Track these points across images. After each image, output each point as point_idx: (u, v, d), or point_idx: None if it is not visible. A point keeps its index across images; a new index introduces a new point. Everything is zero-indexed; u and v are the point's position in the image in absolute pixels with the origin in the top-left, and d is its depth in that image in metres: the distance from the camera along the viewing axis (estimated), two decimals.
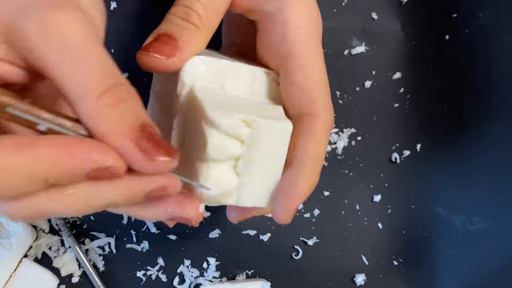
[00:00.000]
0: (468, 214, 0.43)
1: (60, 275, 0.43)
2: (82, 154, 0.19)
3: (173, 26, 0.26)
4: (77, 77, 0.19)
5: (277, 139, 0.26)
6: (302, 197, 0.27)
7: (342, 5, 0.41)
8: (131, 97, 0.20)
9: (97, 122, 0.19)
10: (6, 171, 0.18)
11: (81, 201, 0.20)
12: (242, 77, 0.28)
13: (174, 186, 0.22)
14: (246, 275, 0.45)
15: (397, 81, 0.43)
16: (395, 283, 0.45)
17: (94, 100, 0.19)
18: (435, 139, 0.44)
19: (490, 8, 0.40)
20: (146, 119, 0.21)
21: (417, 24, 0.42)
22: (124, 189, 0.21)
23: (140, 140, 0.20)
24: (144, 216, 0.24)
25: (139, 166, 0.20)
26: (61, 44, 0.19)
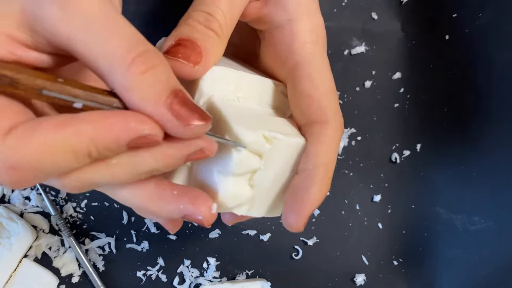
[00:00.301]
0: (468, 214, 0.43)
1: (60, 275, 0.43)
2: (120, 126, 0.19)
3: (196, 33, 0.25)
4: (105, 48, 0.19)
5: (292, 154, 0.27)
6: (314, 204, 0.26)
7: (342, 5, 0.41)
8: (161, 62, 0.20)
9: (131, 90, 0.20)
10: (50, 149, 0.19)
11: (126, 170, 0.21)
12: (255, 88, 0.28)
13: (210, 148, 0.22)
14: (246, 275, 0.45)
15: (397, 81, 0.43)
16: (395, 283, 0.45)
17: (125, 68, 0.19)
18: (435, 139, 0.44)
19: (490, 8, 0.40)
20: (177, 84, 0.21)
21: (417, 24, 0.42)
22: (164, 155, 0.21)
23: (174, 106, 0.20)
24: (157, 212, 0.24)
25: (175, 132, 0.21)
26: (84, 20, 0.19)
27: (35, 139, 0.18)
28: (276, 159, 0.26)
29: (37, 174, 0.19)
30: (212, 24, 0.26)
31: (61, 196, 0.43)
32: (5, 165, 0.18)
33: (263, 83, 0.29)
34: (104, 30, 0.20)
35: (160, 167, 0.22)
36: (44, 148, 0.18)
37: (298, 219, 0.26)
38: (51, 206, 0.42)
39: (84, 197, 0.43)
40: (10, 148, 0.18)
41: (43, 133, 0.19)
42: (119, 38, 0.20)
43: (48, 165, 0.19)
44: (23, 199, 0.43)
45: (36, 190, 0.43)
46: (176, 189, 0.23)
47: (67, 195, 0.43)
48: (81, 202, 0.43)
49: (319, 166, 0.27)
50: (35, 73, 0.20)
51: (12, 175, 0.18)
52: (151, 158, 0.21)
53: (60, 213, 0.43)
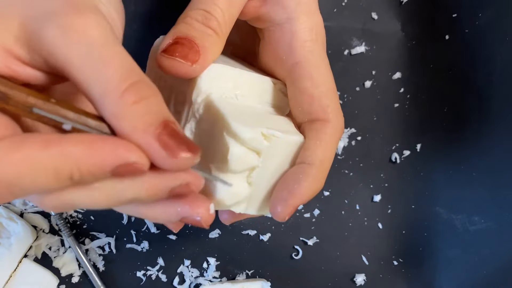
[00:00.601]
0: (468, 214, 0.43)
1: (60, 275, 0.43)
2: (107, 150, 0.19)
3: (194, 31, 0.25)
4: (100, 76, 0.20)
5: (290, 152, 0.27)
6: (303, 198, 0.27)
7: (342, 5, 0.41)
8: (153, 93, 0.21)
9: (121, 119, 0.20)
10: (31, 167, 0.18)
11: (107, 196, 0.21)
12: (253, 86, 0.28)
13: (197, 183, 0.22)
14: (246, 275, 0.45)
15: (397, 81, 0.43)
16: (395, 283, 0.45)
17: (118, 97, 0.20)
18: (435, 139, 0.44)
19: (490, 8, 0.40)
20: (168, 116, 0.21)
21: (417, 24, 0.42)
22: (148, 185, 0.21)
23: (162, 137, 0.20)
24: (154, 217, 0.23)
25: (162, 163, 0.20)
26: (82, 46, 0.20)
27: (18, 154, 0.18)
28: (274, 156, 0.26)
29: (14, 190, 0.19)
30: (211, 22, 0.26)
31: None
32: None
33: (262, 81, 0.29)
34: (101, 58, 0.20)
35: (143, 197, 0.21)
36: (26, 165, 0.18)
37: (285, 209, 0.26)
38: None
39: None
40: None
41: (27, 149, 0.18)
42: (115, 67, 0.20)
43: (27, 183, 0.19)
44: (23, 199, 0.43)
45: None
46: None
47: None
48: None
49: (315, 161, 0.27)
50: (27, 90, 0.20)
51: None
52: (134, 186, 0.21)
53: (60, 213, 0.43)
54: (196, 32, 0.25)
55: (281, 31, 0.28)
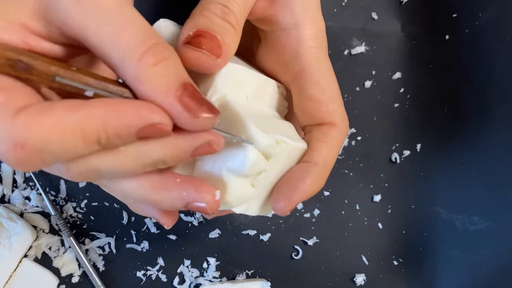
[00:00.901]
0: (468, 214, 0.43)
1: (60, 275, 0.43)
2: (131, 112, 0.20)
3: (214, 25, 0.25)
4: (118, 40, 0.20)
5: (294, 158, 0.28)
6: (305, 195, 0.27)
7: (342, 5, 0.41)
8: (171, 55, 0.21)
9: (142, 81, 0.20)
10: (60, 131, 0.19)
11: (132, 158, 0.21)
12: (260, 88, 0.28)
13: (218, 142, 0.22)
14: (246, 275, 0.45)
15: (397, 81, 0.43)
16: (395, 283, 0.45)
17: (137, 60, 0.20)
18: (435, 139, 0.44)
19: (490, 8, 0.40)
20: (187, 77, 0.21)
21: (417, 24, 0.42)
22: (172, 146, 0.21)
23: (183, 98, 0.20)
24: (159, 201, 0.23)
25: (184, 123, 0.21)
26: (98, 13, 0.20)
27: (47, 119, 0.18)
28: (280, 161, 0.27)
29: (44, 155, 0.19)
30: (230, 17, 0.25)
31: (61, 196, 0.43)
32: (13, 142, 0.18)
33: (268, 83, 0.29)
34: (117, 23, 0.20)
35: (167, 158, 0.22)
36: (55, 128, 0.18)
37: (287, 204, 0.27)
38: (51, 206, 0.42)
39: (84, 197, 0.43)
40: (20, 126, 0.18)
41: (55, 114, 0.19)
42: (131, 31, 0.20)
43: (56, 147, 0.19)
44: (23, 199, 0.43)
45: (36, 190, 0.43)
46: (179, 177, 0.23)
47: (67, 195, 0.43)
48: (81, 202, 0.43)
49: (321, 162, 0.28)
50: (49, 60, 0.20)
51: (19, 153, 0.18)
52: (158, 148, 0.21)
53: (60, 213, 0.43)
54: (216, 26, 0.25)
55: (287, 36, 0.28)
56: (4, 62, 0.19)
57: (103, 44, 0.20)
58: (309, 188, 0.27)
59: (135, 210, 0.27)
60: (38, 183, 0.42)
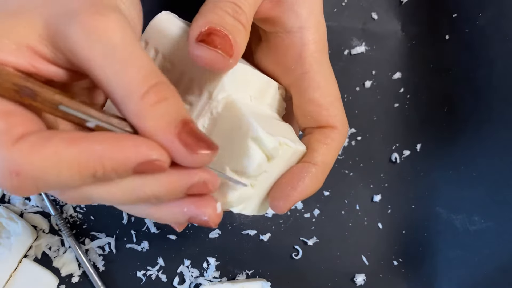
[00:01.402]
0: (468, 214, 0.43)
1: (60, 275, 0.43)
2: (130, 148, 0.20)
3: (226, 24, 0.24)
4: (122, 77, 0.20)
5: (293, 160, 0.28)
6: (303, 194, 0.28)
7: (342, 5, 0.41)
8: (172, 94, 0.21)
9: (142, 119, 0.20)
10: (57, 163, 0.19)
11: (125, 191, 0.21)
12: (262, 89, 0.29)
13: (213, 181, 0.23)
14: (246, 275, 0.45)
15: (397, 81, 0.43)
16: (395, 283, 0.45)
17: (139, 98, 0.20)
18: (435, 139, 0.44)
19: (490, 8, 0.40)
20: (186, 115, 0.21)
21: (417, 24, 0.42)
22: (167, 182, 0.22)
23: (182, 135, 0.21)
24: (161, 218, 0.24)
25: (182, 159, 0.21)
26: (105, 47, 0.20)
27: (45, 150, 0.19)
28: (280, 163, 0.27)
29: (39, 184, 0.19)
30: (241, 16, 0.25)
31: None
32: (9, 169, 0.19)
33: (270, 85, 0.29)
34: (122, 60, 0.20)
35: (161, 194, 0.22)
36: (52, 160, 0.19)
37: (286, 203, 0.28)
38: (51, 206, 0.42)
39: None
40: (18, 154, 0.19)
41: (54, 145, 0.19)
42: (136, 69, 0.20)
43: (52, 178, 0.19)
44: (23, 199, 0.43)
45: None
46: None
47: None
48: None
49: (320, 163, 0.28)
50: (54, 89, 0.21)
51: (14, 180, 0.19)
52: (153, 183, 0.21)
53: (60, 213, 0.43)
54: (228, 25, 0.24)
55: (291, 39, 0.29)
56: (11, 86, 0.20)
57: (107, 79, 0.20)
58: (308, 188, 0.28)
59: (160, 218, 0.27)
60: None
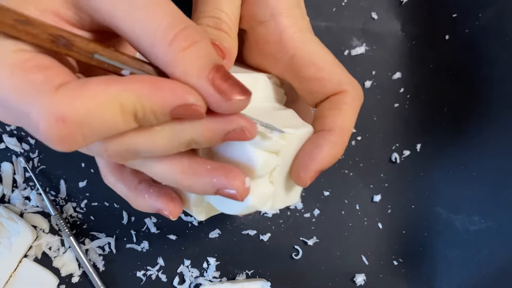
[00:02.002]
0: (468, 214, 0.43)
1: (60, 275, 0.43)
2: (166, 90, 0.20)
3: (212, 35, 0.26)
4: (147, 25, 0.20)
5: (300, 144, 0.28)
6: (323, 162, 0.27)
7: (342, 5, 0.41)
8: (201, 37, 0.21)
9: (174, 66, 0.20)
10: (100, 104, 0.19)
11: (167, 138, 0.21)
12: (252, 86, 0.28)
13: (251, 129, 0.22)
14: (246, 275, 0.45)
15: (397, 81, 0.43)
16: (395, 283, 0.45)
17: (168, 44, 0.20)
18: (435, 139, 0.44)
19: (490, 8, 0.40)
20: (218, 59, 0.21)
21: (417, 24, 0.42)
22: (205, 128, 0.22)
23: (216, 81, 0.20)
24: (190, 186, 0.23)
25: (217, 106, 0.21)
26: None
27: (86, 93, 0.19)
28: (290, 152, 0.27)
29: (85, 130, 0.19)
30: (222, 25, 0.27)
31: (61, 196, 0.43)
32: (55, 116, 0.18)
33: (258, 78, 0.29)
34: (146, 7, 0.20)
35: (200, 139, 0.22)
36: (94, 101, 0.19)
37: (307, 174, 0.27)
38: (51, 206, 0.42)
39: (84, 197, 0.43)
40: (61, 100, 0.18)
41: (93, 88, 0.19)
42: (161, 15, 0.20)
43: (96, 121, 0.19)
44: (23, 199, 0.43)
45: (36, 190, 0.43)
46: (210, 164, 0.23)
47: (67, 195, 0.43)
48: (81, 202, 0.43)
49: (335, 128, 0.27)
50: (88, 38, 0.21)
51: (61, 127, 0.18)
52: (192, 129, 0.21)
53: (60, 213, 0.43)
54: (213, 36, 0.26)
55: (266, 29, 0.29)
56: (47, 37, 0.20)
57: (133, 29, 0.20)
58: (326, 155, 0.27)
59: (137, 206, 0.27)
60: (38, 183, 0.42)
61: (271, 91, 0.30)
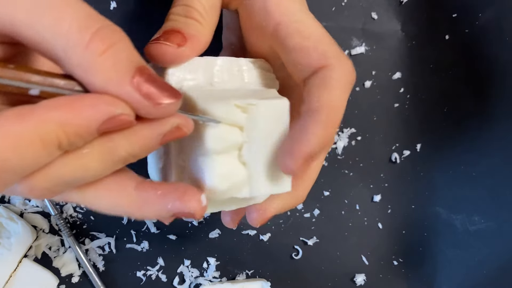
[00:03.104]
0: (468, 214, 0.43)
1: (60, 275, 0.43)
2: (89, 108, 0.18)
3: (178, 23, 0.25)
4: (56, 29, 0.17)
5: (275, 118, 0.25)
6: (311, 146, 0.24)
7: (342, 5, 0.41)
8: (119, 38, 0.19)
9: (92, 73, 0.18)
10: (16, 143, 0.17)
11: (99, 158, 0.19)
12: (229, 71, 0.27)
13: (187, 124, 0.21)
14: (246, 275, 0.45)
15: (397, 81, 0.43)
16: (395, 283, 0.45)
17: (83, 49, 0.17)
18: (435, 139, 0.44)
19: (490, 8, 0.40)
20: (140, 61, 0.19)
21: (417, 24, 0.42)
22: (139, 136, 0.20)
23: (141, 86, 0.18)
24: (144, 216, 0.22)
25: (146, 112, 0.19)
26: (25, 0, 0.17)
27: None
28: (259, 126, 0.25)
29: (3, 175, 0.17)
30: (192, 13, 0.26)
31: None
32: None
33: (239, 63, 0.28)
34: (51, 9, 0.17)
35: (136, 151, 0.20)
36: (8, 143, 0.16)
37: (293, 161, 0.24)
38: (51, 206, 0.42)
39: None
40: None
41: (4, 126, 0.17)
42: (71, 16, 0.17)
43: (16, 162, 0.17)
44: (23, 199, 0.43)
45: None
46: (160, 189, 0.22)
47: None
48: None
49: (322, 107, 0.24)
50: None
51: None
52: (125, 141, 0.19)
53: (60, 213, 0.43)
54: (179, 24, 0.25)
55: (252, 2, 0.27)
56: None
57: (40, 36, 0.17)
58: (313, 137, 0.24)
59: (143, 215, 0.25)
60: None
61: (254, 76, 0.28)
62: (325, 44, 0.26)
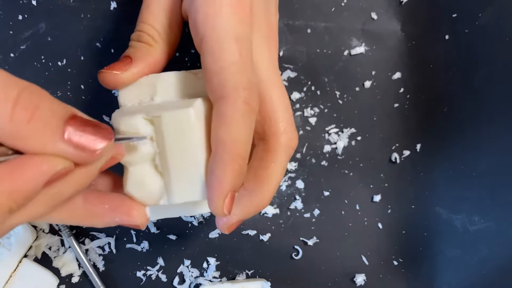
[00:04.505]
0: (468, 214, 0.43)
1: (60, 275, 0.43)
2: (32, 173, 0.18)
3: (131, 49, 0.29)
4: None
5: (179, 128, 0.26)
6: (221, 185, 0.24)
7: (342, 5, 0.41)
8: (41, 97, 0.19)
9: (25, 141, 0.18)
10: None
11: (46, 205, 0.21)
12: (172, 84, 0.29)
13: (120, 152, 0.24)
14: (246, 275, 0.45)
15: (397, 81, 0.43)
16: (395, 283, 0.45)
17: (9, 120, 0.18)
18: (435, 139, 0.44)
19: (490, 8, 0.40)
20: (66, 110, 0.20)
21: (417, 24, 0.42)
22: (80, 176, 0.21)
23: (73, 139, 0.19)
24: (94, 225, 0.25)
25: (84, 161, 0.20)
26: None
27: None
28: (166, 136, 0.26)
29: None
30: (142, 37, 0.29)
31: None
32: None
33: (179, 77, 0.29)
34: None
35: (79, 188, 0.22)
36: None
37: (213, 202, 0.25)
38: None
39: None
40: None
41: None
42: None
43: None
44: None
45: None
46: (106, 202, 0.25)
47: None
48: None
49: (218, 143, 0.24)
50: None
51: None
52: (67, 184, 0.21)
53: None
54: (132, 49, 0.29)
55: (190, 14, 0.27)
56: None
57: None
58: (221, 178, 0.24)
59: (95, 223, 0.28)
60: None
61: (195, 87, 0.29)
62: (230, 73, 0.24)
